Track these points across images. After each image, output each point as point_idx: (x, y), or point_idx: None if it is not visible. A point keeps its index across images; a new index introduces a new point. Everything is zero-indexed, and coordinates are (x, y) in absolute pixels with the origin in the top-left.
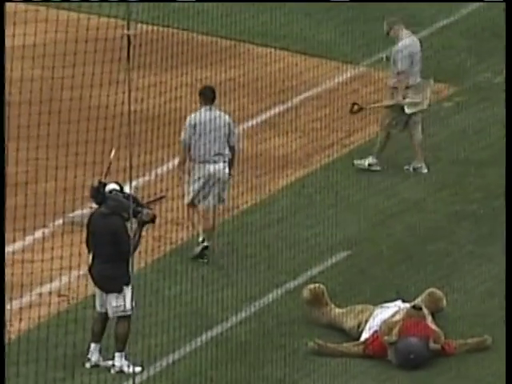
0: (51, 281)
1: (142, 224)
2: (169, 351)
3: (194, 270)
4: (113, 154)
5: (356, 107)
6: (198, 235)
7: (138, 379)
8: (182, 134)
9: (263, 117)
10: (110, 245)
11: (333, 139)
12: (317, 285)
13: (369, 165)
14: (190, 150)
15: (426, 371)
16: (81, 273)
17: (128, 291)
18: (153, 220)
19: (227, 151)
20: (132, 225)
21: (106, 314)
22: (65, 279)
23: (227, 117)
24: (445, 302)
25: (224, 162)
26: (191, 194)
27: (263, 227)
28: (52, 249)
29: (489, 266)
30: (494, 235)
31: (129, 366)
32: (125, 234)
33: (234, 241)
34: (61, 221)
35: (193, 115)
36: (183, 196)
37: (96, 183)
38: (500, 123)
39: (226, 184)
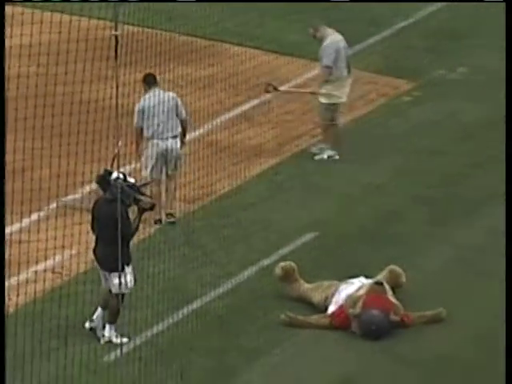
0: (46, 259)
1: (141, 211)
2: (153, 323)
3: (176, 250)
4: (120, 145)
5: (271, 87)
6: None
7: (125, 349)
8: (135, 119)
9: (239, 110)
10: (113, 228)
11: (302, 130)
12: (288, 263)
13: (328, 157)
14: (143, 131)
15: (387, 341)
16: (73, 252)
17: (129, 271)
18: (151, 208)
19: (178, 126)
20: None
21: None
22: (58, 258)
23: (171, 93)
24: (404, 278)
25: (175, 137)
26: (149, 168)
27: (239, 210)
28: (46, 230)
29: (443, 246)
30: (448, 218)
31: (117, 337)
32: (126, 218)
33: (213, 223)
34: (55, 204)
35: (141, 101)
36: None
37: (102, 172)
38: (453, 115)
39: (180, 156)
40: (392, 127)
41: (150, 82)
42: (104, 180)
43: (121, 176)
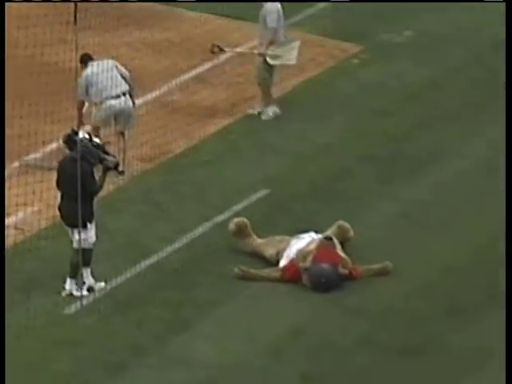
0: (9, 216)
1: (106, 169)
2: (112, 277)
3: (133, 206)
4: (86, 107)
5: (216, 48)
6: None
7: (85, 301)
8: (78, 90)
9: (194, 72)
10: (77, 186)
11: (254, 92)
12: (241, 219)
13: (273, 114)
14: (91, 98)
15: (337, 293)
16: (35, 209)
17: (91, 227)
18: (116, 167)
19: (125, 85)
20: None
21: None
22: (21, 214)
23: (109, 60)
24: (352, 232)
25: (124, 94)
26: (102, 123)
27: (194, 168)
28: (9, 188)
29: (389, 202)
30: (394, 175)
31: (77, 290)
32: (91, 177)
33: (169, 180)
34: (17, 163)
35: (84, 74)
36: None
37: (69, 132)
38: (399, 77)
39: (132, 114)
40: (341, 88)
41: (86, 60)
42: (70, 139)
43: (87, 136)
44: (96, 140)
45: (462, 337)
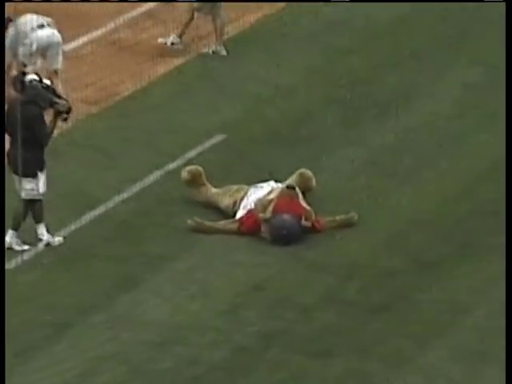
0: None
1: (57, 114)
2: (55, 229)
3: (78, 152)
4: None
5: None
6: None
7: (26, 256)
8: (7, 42)
9: (143, 8)
10: (27, 131)
11: (208, 29)
12: (194, 166)
13: (172, 43)
14: (19, 58)
15: (298, 246)
16: None
17: (42, 176)
18: (68, 111)
19: (48, 19)
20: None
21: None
22: None
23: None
24: (314, 181)
25: (50, 25)
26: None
27: (144, 112)
28: None
29: (355, 148)
30: (359, 119)
31: (18, 244)
32: (41, 121)
33: (116, 125)
34: None
35: (7, 35)
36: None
37: (17, 73)
38: (366, 15)
39: (61, 46)
40: (304, 26)
41: (7, 24)
42: (18, 81)
43: (36, 78)
44: (46, 81)
45: (431, 292)
